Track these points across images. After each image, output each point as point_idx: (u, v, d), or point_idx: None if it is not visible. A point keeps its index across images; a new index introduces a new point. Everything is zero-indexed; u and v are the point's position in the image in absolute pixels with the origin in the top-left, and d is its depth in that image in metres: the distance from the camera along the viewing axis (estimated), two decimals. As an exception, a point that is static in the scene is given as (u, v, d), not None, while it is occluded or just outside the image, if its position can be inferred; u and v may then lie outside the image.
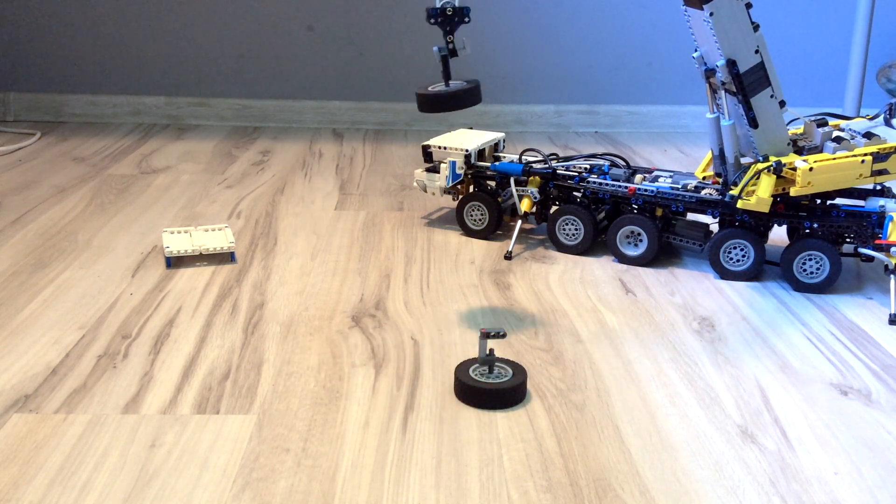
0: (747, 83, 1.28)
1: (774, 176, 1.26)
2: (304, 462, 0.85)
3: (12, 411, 0.93)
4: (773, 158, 1.27)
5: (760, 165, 1.26)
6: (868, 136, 1.30)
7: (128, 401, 0.96)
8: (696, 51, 1.32)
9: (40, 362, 1.04)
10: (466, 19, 1.15)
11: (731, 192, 1.28)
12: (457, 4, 1.14)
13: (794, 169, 1.26)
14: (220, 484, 0.81)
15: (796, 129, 1.42)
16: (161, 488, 0.80)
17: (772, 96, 1.29)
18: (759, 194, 1.26)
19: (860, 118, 1.40)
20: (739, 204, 1.27)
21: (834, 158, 1.25)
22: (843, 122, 1.37)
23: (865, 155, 1.25)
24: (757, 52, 1.27)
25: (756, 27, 1.27)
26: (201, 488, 0.81)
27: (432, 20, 1.15)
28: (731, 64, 1.26)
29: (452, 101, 1.13)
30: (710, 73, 1.30)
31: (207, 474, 0.83)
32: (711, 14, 1.24)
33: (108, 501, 0.78)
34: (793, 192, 1.26)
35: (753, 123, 1.29)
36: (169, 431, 0.90)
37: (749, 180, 1.27)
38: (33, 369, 1.02)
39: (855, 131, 1.33)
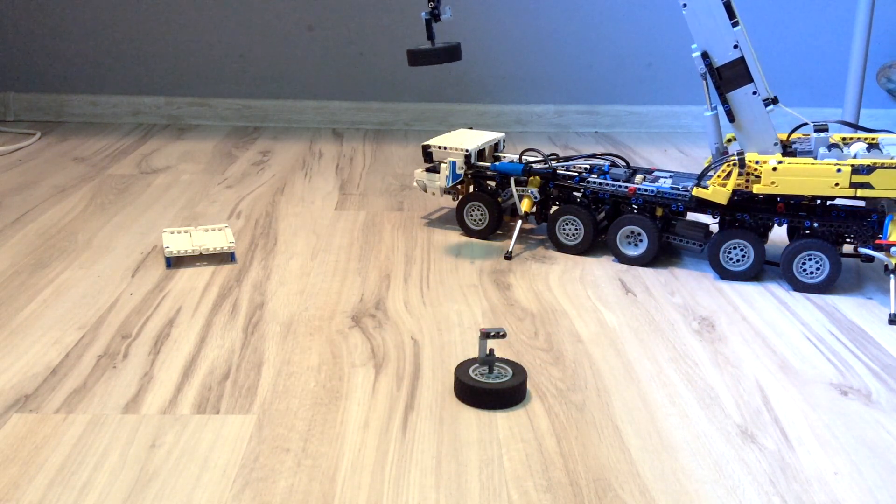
0: (725, 77, 1.30)
1: (737, 169, 1.28)
2: (304, 462, 0.85)
3: (12, 411, 0.93)
4: (749, 155, 1.28)
5: (731, 159, 1.28)
6: (871, 148, 1.30)
7: (128, 401, 0.96)
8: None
9: (40, 362, 1.04)
10: None
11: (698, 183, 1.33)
12: None
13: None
14: (220, 484, 0.81)
15: (804, 134, 1.42)
16: (161, 488, 0.80)
17: (754, 93, 1.30)
18: (724, 188, 1.28)
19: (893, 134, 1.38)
20: (694, 192, 1.31)
21: (811, 163, 1.25)
22: (881, 137, 1.35)
23: (843, 165, 1.23)
24: (736, 47, 1.29)
25: (736, 23, 1.28)
26: (201, 488, 0.81)
27: None
28: (705, 56, 1.30)
29: (431, 56, 1.30)
30: None
31: (207, 474, 0.83)
32: (685, 5, 1.29)
33: (108, 501, 0.78)
34: (756, 189, 1.27)
35: (730, 117, 1.32)
36: (169, 431, 0.90)
37: (713, 171, 1.30)
38: (33, 369, 1.02)
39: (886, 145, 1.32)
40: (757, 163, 1.27)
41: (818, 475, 0.85)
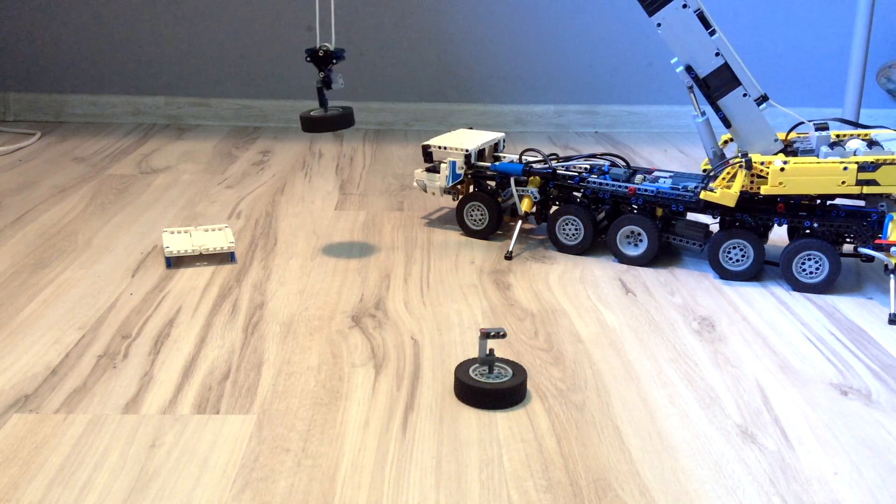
0: (713, 86, 1.32)
1: (744, 171, 1.28)
2: (304, 462, 0.85)
3: (12, 411, 0.93)
4: (754, 156, 1.28)
5: (734, 161, 1.28)
6: (871, 144, 1.30)
7: (128, 401, 0.96)
8: None
9: (40, 362, 1.04)
10: (335, 60, 1.34)
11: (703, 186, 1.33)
12: (331, 48, 1.33)
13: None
14: (220, 484, 0.81)
15: (804, 133, 1.42)
16: (161, 488, 0.80)
17: (745, 95, 1.30)
18: (730, 190, 1.28)
19: (889, 130, 1.38)
20: (702, 195, 1.31)
21: (818, 162, 1.25)
22: (873, 133, 1.35)
23: (849, 162, 1.23)
24: (718, 54, 1.29)
25: (713, 31, 1.29)
26: (201, 488, 0.81)
27: (308, 59, 1.34)
28: (689, 69, 1.32)
29: (324, 123, 1.34)
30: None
31: (207, 474, 0.83)
32: (659, 25, 1.30)
33: (108, 501, 0.78)
34: (763, 190, 1.27)
35: (726, 123, 1.33)
36: (169, 431, 0.90)
37: (719, 173, 1.30)
38: (33, 369, 1.02)
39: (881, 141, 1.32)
40: (762, 164, 1.27)
41: (818, 475, 0.85)
